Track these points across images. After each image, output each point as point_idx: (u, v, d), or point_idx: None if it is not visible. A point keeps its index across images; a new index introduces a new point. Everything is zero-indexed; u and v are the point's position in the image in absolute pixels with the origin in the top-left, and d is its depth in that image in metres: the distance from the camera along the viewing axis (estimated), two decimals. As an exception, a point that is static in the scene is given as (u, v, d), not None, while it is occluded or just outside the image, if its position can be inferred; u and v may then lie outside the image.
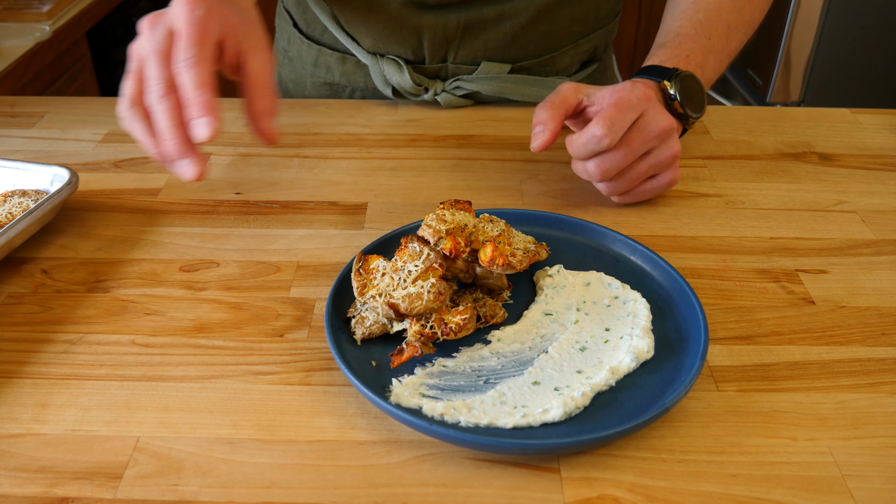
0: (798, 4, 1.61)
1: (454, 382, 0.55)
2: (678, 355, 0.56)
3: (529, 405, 0.52)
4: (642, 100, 0.70)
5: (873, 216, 0.76)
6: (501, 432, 0.50)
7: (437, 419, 0.51)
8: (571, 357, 0.56)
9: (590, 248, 0.68)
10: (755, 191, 0.80)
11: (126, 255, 0.69)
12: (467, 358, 0.57)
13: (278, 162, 0.84)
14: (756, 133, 0.91)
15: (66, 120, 0.93)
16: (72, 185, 0.71)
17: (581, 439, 0.49)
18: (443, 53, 0.93)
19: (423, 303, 0.55)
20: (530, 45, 0.93)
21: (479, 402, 0.53)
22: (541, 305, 0.61)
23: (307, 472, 0.49)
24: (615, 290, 0.62)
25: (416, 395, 0.53)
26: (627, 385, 0.54)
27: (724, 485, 0.49)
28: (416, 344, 0.55)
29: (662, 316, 0.60)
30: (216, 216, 0.75)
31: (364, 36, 0.94)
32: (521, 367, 0.56)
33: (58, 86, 1.74)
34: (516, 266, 0.58)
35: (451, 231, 0.58)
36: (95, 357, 0.58)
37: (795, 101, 1.72)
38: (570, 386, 0.53)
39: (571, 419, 0.52)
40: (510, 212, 0.70)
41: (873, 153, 0.87)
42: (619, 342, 0.57)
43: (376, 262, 0.60)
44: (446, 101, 0.95)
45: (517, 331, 0.59)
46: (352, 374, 0.53)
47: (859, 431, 0.52)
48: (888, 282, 0.67)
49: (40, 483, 0.49)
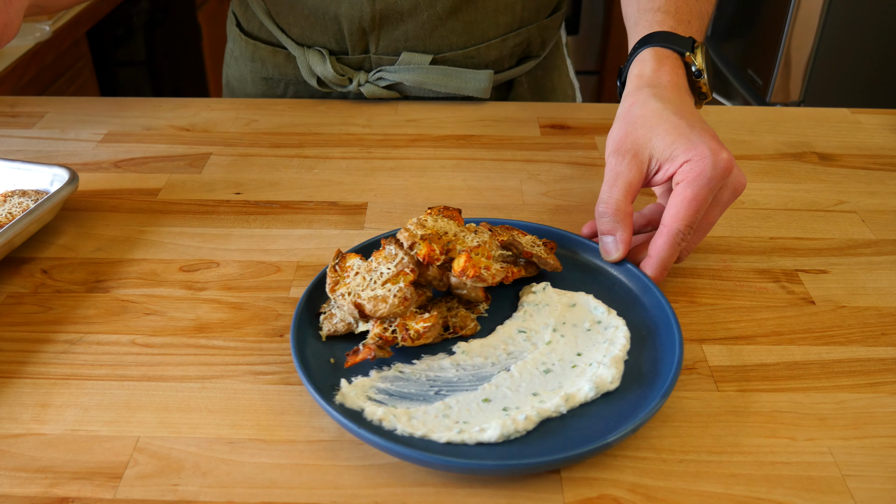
0: (798, 4, 1.61)
1: (405, 389, 0.53)
2: (644, 389, 0.53)
3: (471, 422, 0.50)
4: (725, 171, 0.59)
5: (873, 216, 0.76)
6: (433, 446, 0.49)
7: (374, 424, 0.50)
8: (532, 378, 0.54)
9: (588, 268, 0.65)
10: (755, 191, 0.79)
11: (126, 255, 0.69)
12: (426, 366, 0.55)
13: (278, 162, 0.84)
14: (756, 133, 0.91)
15: (66, 120, 0.93)
16: (72, 185, 0.71)
17: (504, 464, 0.48)
18: (364, 44, 0.93)
19: (387, 306, 0.55)
20: (452, 36, 0.92)
21: (423, 412, 0.51)
22: (517, 322, 0.59)
23: (307, 472, 0.49)
24: (599, 315, 0.59)
25: (362, 398, 0.52)
26: (581, 414, 0.52)
27: (724, 485, 0.49)
28: (372, 346, 0.54)
29: (643, 346, 0.57)
30: (216, 216, 0.75)
31: (292, 26, 0.95)
32: (478, 382, 0.54)
33: (58, 86, 1.74)
34: (487, 279, 0.57)
35: (428, 237, 0.58)
36: (95, 357, 0.58)
37: (795, 101, 1.72)
38: (519, 408, 0.51)
39: (510, 442, 0.50)
40: (511, 223, 0.67)
41: (873, 153, 0.87)
42: (586, 369, 0.54)
43: (353, 260, 0.60)
44: (370, 92, 0.95)
45: (484, 345, 0.57)
46: (301, 369, 0.52)
47: (859, 431, 0.52)
48: (888, 282, 0.67)
49: (40, 483, 0.49)
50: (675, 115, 0.61)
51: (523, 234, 0.65)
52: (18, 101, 0.97)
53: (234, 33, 1.05)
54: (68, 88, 1.79)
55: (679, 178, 0.59)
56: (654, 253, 0.60)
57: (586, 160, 0.85)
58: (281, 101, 0.97)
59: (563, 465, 0.48)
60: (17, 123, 0.92)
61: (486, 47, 0.94)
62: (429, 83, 0.93)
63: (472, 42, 0.93)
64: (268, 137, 0.89)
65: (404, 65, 0.93)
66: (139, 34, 2.31)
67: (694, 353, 0.59)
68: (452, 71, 0.93)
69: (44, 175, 0.73)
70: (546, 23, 0.98)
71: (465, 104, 0.96)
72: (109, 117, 0.93)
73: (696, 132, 0.60)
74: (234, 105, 0.96)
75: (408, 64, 0.93)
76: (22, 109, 0.95)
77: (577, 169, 0.83)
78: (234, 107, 0.96)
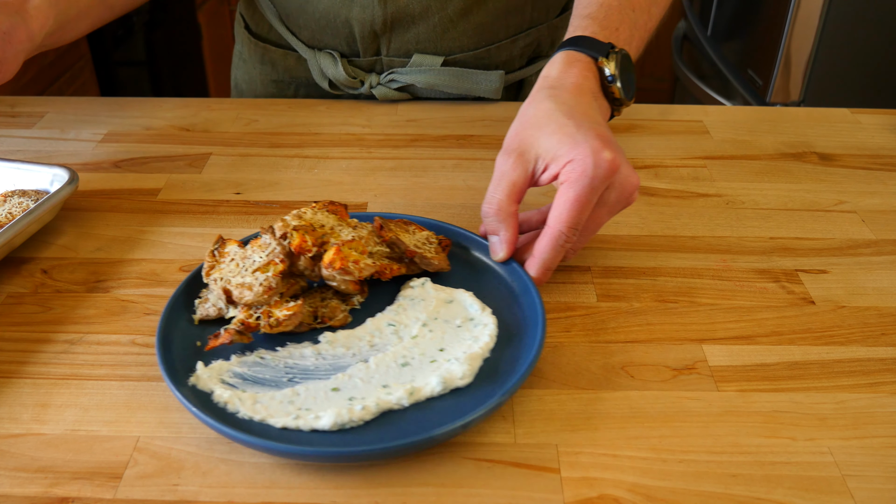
0: (798, 4, 1.61)
1: (260, 375, 0.54)
2: (494, 386, 0.53)
3: (312, 409, 0.51)
4: (608, 171, 0.58)
5: (873, 216, 0.76)
6: (269, 431, 0.50)
7: (219, 407, 0.51)
8: (387, 370, 0.54)
9: (478, 266, 0.65)
10: (755, 191, 0.79)
11: (126, 255, 0.69)
12: (287, 354, 0.56)
13: (278, 162, 0.84)
14: (756, 133, 0.91)
15: (66, 120, 0.93)
16: (72, 185, 0.71)
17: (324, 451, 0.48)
18: (375, 46, 0.94)
19: (252, 294, 0.56)
20: (463, 38, 0.92)
21: (270, 397, 0.52)
22: (388, 315, 0.59)
23: (307, 472, 0.49)
24: (473, 313, 0.59)
25: (215, 381, 0.53)
26: (426, 408, 0.52)
27: (724, 485, 0.49)
28: (232, 331, 0.55)
29: (508, 345, 0.57)
30: (216, 216, 0.75)
31: (303, 29, 0.96)
32: (334, 371, 0.54)
33: (58, 86, 1.74)
34: (354, 273, 0.57)
35: (301, 228, 0.59)
36: (95, 357, 0.58)
37: (795, 101, 1.72)
38: (365, 398, 0.52)
39: (345, 431, 0.50)
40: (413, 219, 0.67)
41: (873, 153, 0.87)
42: (444, 364, 0.55)
43: (231, 247, 0.61)
44: (382, 94, 0.96)
45: (350, 336, 0.58)
46: (160, 350, 0.54)
47: (859, 431, 0.52)
48: (888, 282, 0.67)
49: (40, 483, 0.49)
50: (564, 115, 0.60)
51: (421, 229, 0.65)
52: (18, 101, 0.97)
53: (242, 36, 1.05)
54: (68, 88, 1.79)
55: (562, 179, 0.59)
56: (537, 253, 0.60)
57: (586, 160, 0.85)
58: (281, 101, 0.97)
59: (382, 457, 0.49)
60: (17, 123, 0.92)
61: (497, 48, 0.94)
62: (440, 84, 0.93)
63: (482, 43, 0.94)
64: (268, 137, 0.89)
65: (416, 66, 0.93)
66: (139, 34, 2.31)
67: (694, 353, 0.59)
68: (464, 72, 0.93)
69: (44, 175, 0.73)
70: (555, 22, 0.99)
71: (465, 104, 0.96)
72: (109, 117, 0.93)
73: (581, 132, 0.59)
74: (234, 105, 0.96)
75: (419, 66, 0.93)
76: (22, 109, 0.95)
77: (577, 169, 0.83)
78: (234, 107, 0.96)
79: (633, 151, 0.86)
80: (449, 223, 0.68)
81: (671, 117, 0.94)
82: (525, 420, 0.53)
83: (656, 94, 2.85)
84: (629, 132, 0.91)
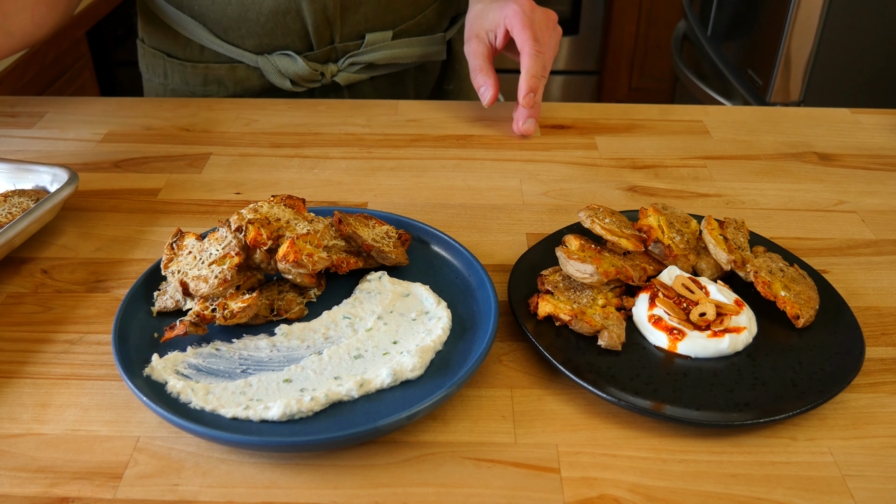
0: (798, 4, 1.61)
1: (215, 366, 0.55)
2: (445, 379, 0.54)
3: (263, 400, 0.52)
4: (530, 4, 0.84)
5: (873, 216, 0.76)
6: (219, 421, 0.50)
7: (172, 397, 0.52)
8: (340, 363, 0.55)
9: (437, 260, 0.66)
10: (755, 191, 0.79)
11: (126, 255, 0.69)
12: (242, 346, 0.57)
13: (278, 162, 0.84)
14: (756, 133, 0.91)
15: (66, 120, 0.93)
16: (72, 185, 0.71)
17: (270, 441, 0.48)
18: (328, 35, 0.97)
19: (207, 286, 0.56)
20: (404, 8, 1.00)
21: (222, 388, 0.53)
22: (344, 308, 0.60)
23: (307, 472, 0.49)
24: (428, 306, 0.60)
25: (169, 371, 0.54)
26: (376, 399, 0.53)
27: (724, 485, 0.49)
28: (187, 322, 0.55)
29: (461, 338, 0.57)
30: (216, 216, 0.75)
31: (246, 38, 0.97)
32: (287, 363, 0.55)
33: (58, 86, 1.74)
34: (308, 266, 0.58)
35: (257, 221, 0.59)
36: (95, 357, 0.58)
37: (795, 101, 1.72)
38: (316, 390, 0.52)
39: (294, 421, 0.51)
40: (373, 213, 0.68)
41: (873, 153, 0.87)
42: (396, 357, 0.55)
43: (189, 240, 0.62)
44: (345, 80, 1.00)
45: (305, 328, 0.58)
46: (116, 341, 0.54)
47: (859, 431, 0.52)
48: (888, 282, 0.67)
49: (40, 483, 0.49)
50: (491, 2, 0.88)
51: (382, 224, 0.66)
52: (18, 101, 0.97)
53: (164, 67, 1.03)
54: (68, 88, 1.79)
55: (508, 26, 0.85)
56: (524, 69, 0.83)
57: (586, 160, 0.85)
58: (281, 101, 0.97)
59: (327, 446, 0.49)
60: (17, 123, 0.92)
61: (431, 12, 1.03)
62: (398, 57, 1.01)
63: (420, 10, 1.02)
64: (268, 137, 0.89)
65: (370, 46, 0.99)
66: (139, 34, 2.31)
67: (694, 353, 0.59)
68: (414, 41, 1.02)
69: (44, 175, 0.73)
70: None
71: (465, 104, 0.96)
72: (109, 117, 0.93)
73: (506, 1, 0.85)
74: (235, 105, 0.96)
75: (372, 45, 0.99)
76: (22, 109, 0.95)
77: (576, 169, 0.83)
78: (235, 107, 0.96)
79: (634, 151, 0.86)
80: (417, 220, 0.68)
81: (671, 117, 0.94)
82: (525, 420, 0.53)
83: (656, 94, 2.85)
84: (629, 132, 0.91)
